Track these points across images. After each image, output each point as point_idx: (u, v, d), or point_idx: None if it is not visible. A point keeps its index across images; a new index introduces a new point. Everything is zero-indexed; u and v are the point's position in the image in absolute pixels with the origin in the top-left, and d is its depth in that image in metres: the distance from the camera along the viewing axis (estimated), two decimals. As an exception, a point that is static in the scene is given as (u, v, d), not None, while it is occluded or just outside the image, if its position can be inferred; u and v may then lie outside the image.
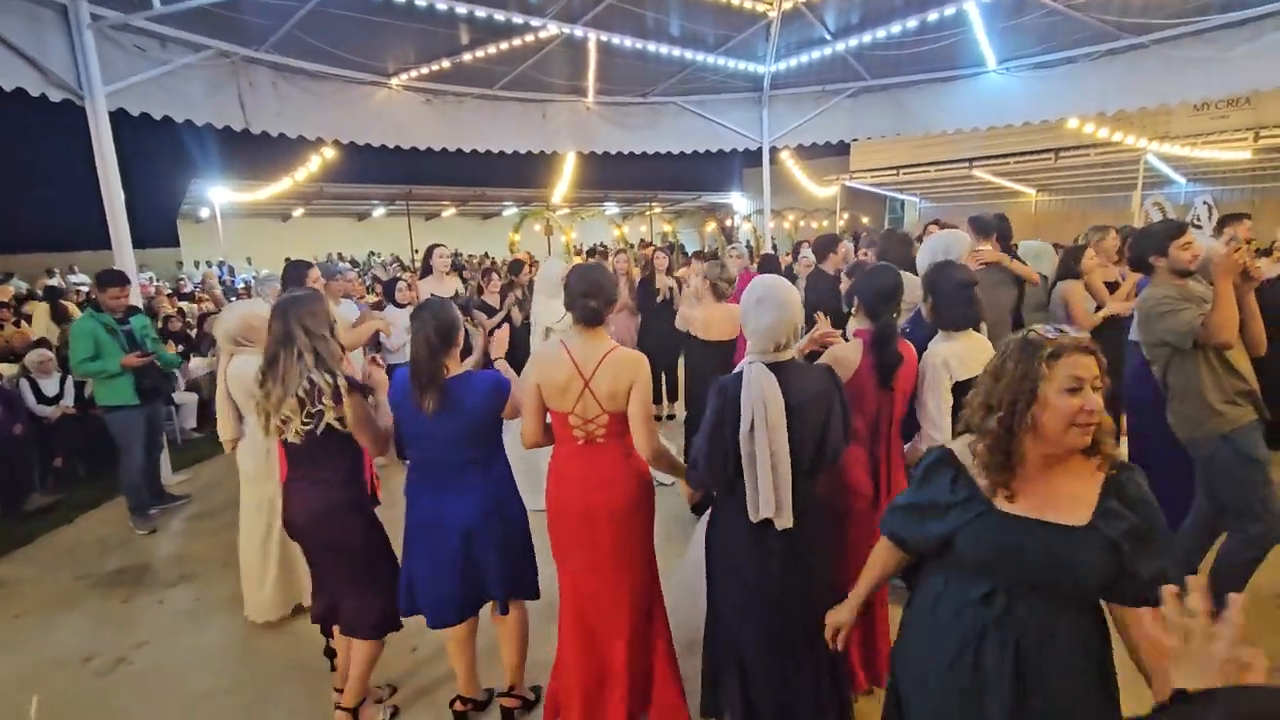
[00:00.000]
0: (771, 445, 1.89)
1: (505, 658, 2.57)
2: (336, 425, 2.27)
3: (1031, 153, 12.22)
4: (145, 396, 4.63)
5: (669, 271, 6.26)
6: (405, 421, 2.34)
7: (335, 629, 2.59)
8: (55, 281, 13.37)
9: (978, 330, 2.63)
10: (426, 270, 5.63)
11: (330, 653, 2.93)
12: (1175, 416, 2.88)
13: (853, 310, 2.51)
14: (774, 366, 1.98)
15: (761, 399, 1.90)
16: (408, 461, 2.49)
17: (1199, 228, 11.32)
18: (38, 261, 15.61)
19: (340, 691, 2.61)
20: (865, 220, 20.58)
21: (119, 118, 5.23)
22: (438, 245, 5.65)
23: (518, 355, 4.88)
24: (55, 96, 4.92)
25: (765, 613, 2.04)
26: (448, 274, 5.67)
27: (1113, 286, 4.64)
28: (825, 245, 5.05)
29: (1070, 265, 4.28)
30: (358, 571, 2.46)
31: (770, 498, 1.92)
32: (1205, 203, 12.22)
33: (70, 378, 5.75)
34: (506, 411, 2.37)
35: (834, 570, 2.17)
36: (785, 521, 1.94)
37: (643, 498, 2.35)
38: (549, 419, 2.38)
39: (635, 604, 2.37)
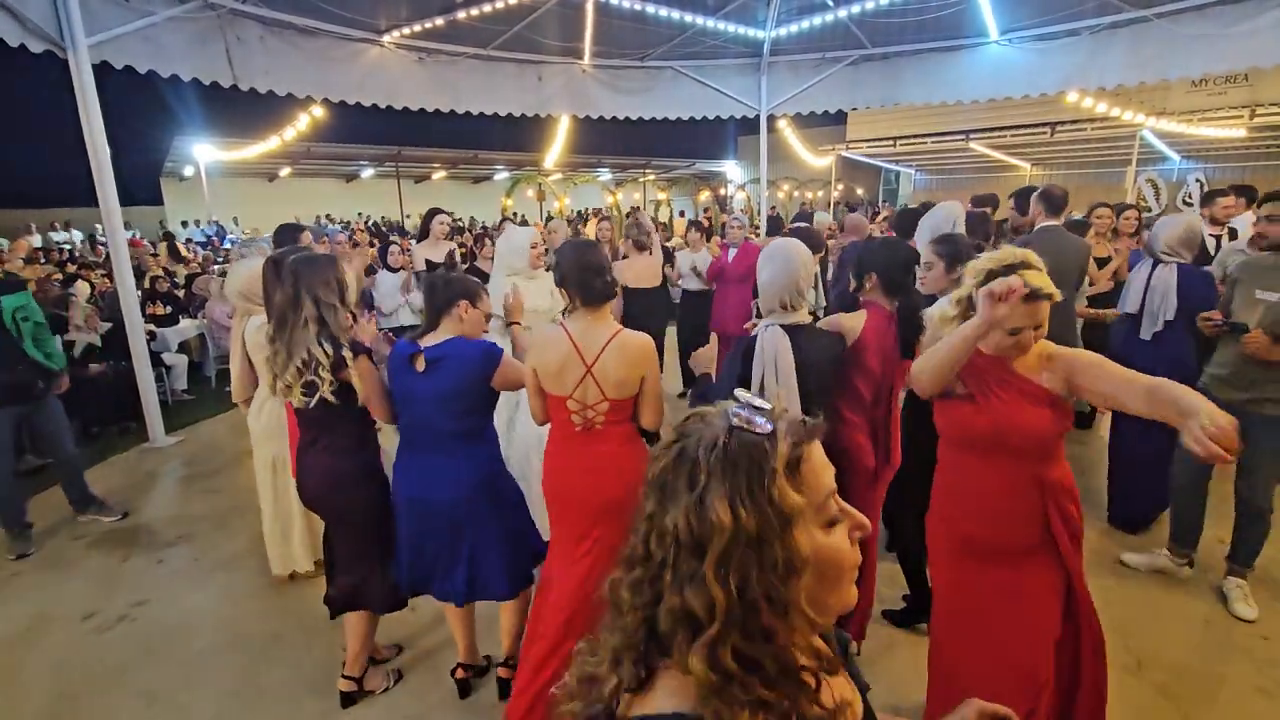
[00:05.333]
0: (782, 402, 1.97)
1: (504, 627, 2.58)
2: (331, 399, 2.26)
3: (1028, 126, 12.17)
4: (4, 393, 3.70)
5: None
6: (397, 381, 2.32)
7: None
8: (37, 240, 13.11)
9: None
10: (424, 234, 5.59)
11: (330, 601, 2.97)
12: None
13: (866, 285, 2.47)
14: (788, 329, 2.04)
15: (773, 360, 1.97)
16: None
17: (1190, 204, 11.39)
18: (18, 218, 15.26)
19: (349, 679, 2.64)
20: (860, 191, 20.48)
21: (100, 71, 5.07)
22: (440, 211, 5.58)
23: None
24: (36, 47, 4.76)
25: None
26: (444, 239, 5.63)
27: (1102, 262, 4.71)
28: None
29: None
30: (365, 542, 2.48)
31: None
32: (1198, 180, 12.29)
33: (58, 338, 5.69)
34: (497, 380, 2.32)
35: None
36: None
37: (637, 489, 2.30)
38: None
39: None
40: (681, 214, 20.85)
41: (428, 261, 5.28)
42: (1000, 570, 1.86)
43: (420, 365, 2.24)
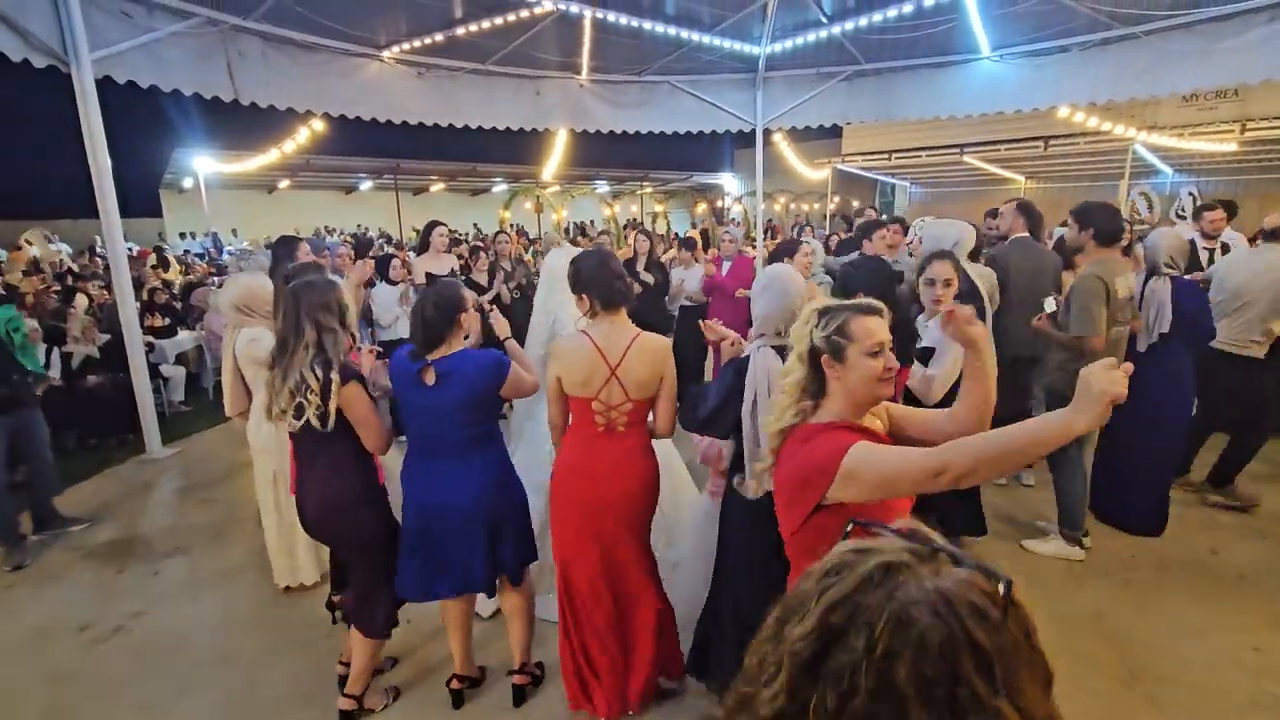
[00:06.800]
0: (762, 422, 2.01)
1: (513, 635, 2.61)
2: (315, 423, 2.25)
3: (1022, 140, 12.28)
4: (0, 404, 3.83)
5: (651, 256, 6.25)
6: (404, 395, 2.35)
7: (341, 598, 2.67)
8: (36, 250, 13.14)
9: None
10: (424, 247, 5.63)
11: (334, 615, 3.00)
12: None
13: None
14: (781, 351, 2.09)
15: (765, 379, 2.01)
16: (403, 439, 2.51)
17: (1183, 217, 11.49)
18: (14, 229, 15.29)
19: (345, 665, 2.68)
20: (856, 204, 20.59)
21: (101, 83, 5.10)
22: (438, 224, 5.64)
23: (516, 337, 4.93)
24: (39, 62, 4.81)
25: (766, 576, 2.16)
26: (444, 252, 5.67)
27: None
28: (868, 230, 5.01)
29: (1069, 256, 4.38)
30: (364, 566, 2.50)
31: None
32: (1190, 193, 12.39)
33: (56, 350, 5.71)
34: (506, 389, 2.38)
35: None
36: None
37: (653, 487, 2.42)
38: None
39: (638, 582, 2.44)
40: (694, 225, 20.93)
41: (428, 275, 5.31)
42: None
43: (430, 379, 2.27)
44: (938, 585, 0.55)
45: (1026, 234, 4.22)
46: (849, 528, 0.67)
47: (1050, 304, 3.56)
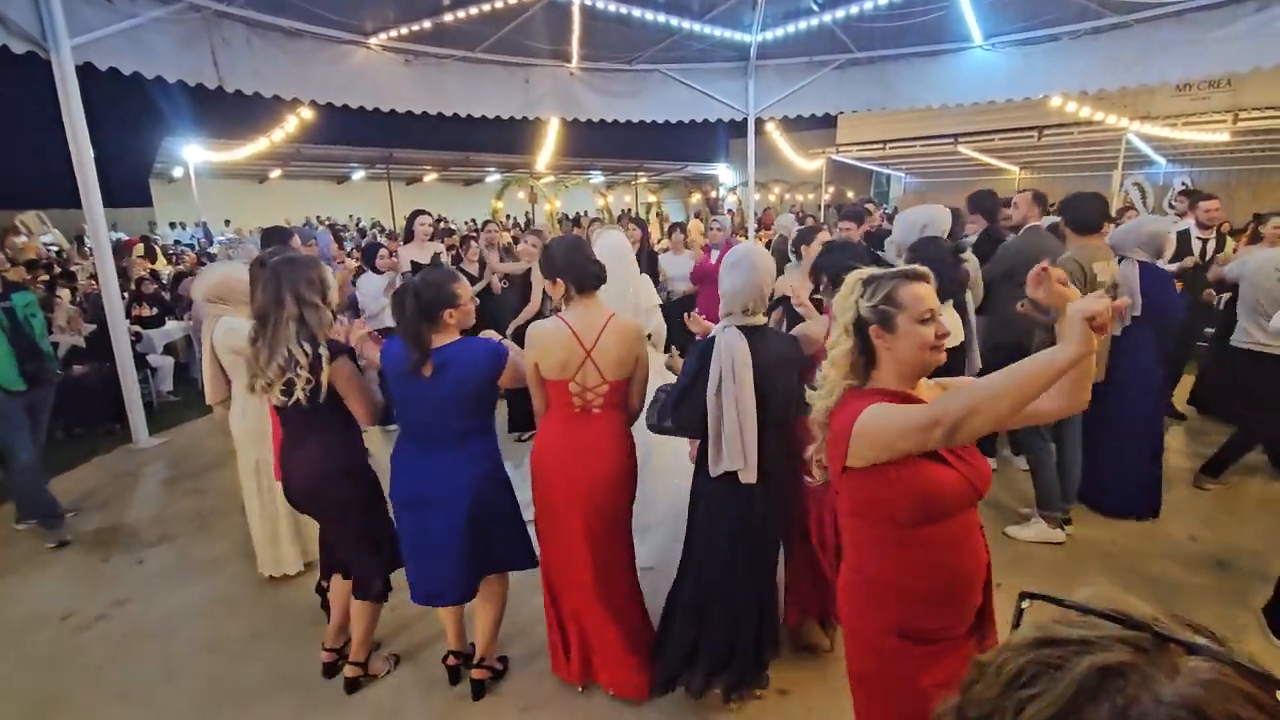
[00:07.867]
0: (739, 403, 2.00)
1: (479, 627, 2.59)
2: (304, 399, 2.27)
3: (1015, 130, 12.27)
4: (29, 381, 3.94)
5: (644, 245, 6.25)
6: (397, 385, 2.34)
7: (329, 583, 2.71)
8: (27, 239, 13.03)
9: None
10: (409, 236, 5.63)
11: (323, 600, 2.99)
12: None
13: (820, 287, 2.55)
14: (746, 330, 2.08)
15: (731, 360, 2.01)
16: (392, 428, 2.51)
17: (1174, 207, 11.52)
18: (4, 219, 15.14)
19: (330, 650, 2.70)
20: (850, 194, 20.57)
21: (86, 72, 5.06)
22: (421, 213, 5.63)
23: (503, 322, 4.96)
24: (18, 48, 4.76)
25: (731, 553, 2.19)
26: (429, 240, 5.66)
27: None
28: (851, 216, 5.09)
29: None
30: (357, 535, 2.51)
31: (738, 451, 2.04)
32: (1183, 183, 12.41)
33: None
34: (504, 379, 2.37)
35: (790, 522, 2.36)
36: (750, 476, 2.05)
37: (630, 467, 2.43)
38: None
39: (614, 567, 2.47)
40: (695, 215, 20.89)
41: (413, 263, 5.30)
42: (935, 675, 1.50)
43: (428, 370, 2.26)
44: (1182, 693, 0.40)
45: (1039, 223, 4.23)
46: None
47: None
